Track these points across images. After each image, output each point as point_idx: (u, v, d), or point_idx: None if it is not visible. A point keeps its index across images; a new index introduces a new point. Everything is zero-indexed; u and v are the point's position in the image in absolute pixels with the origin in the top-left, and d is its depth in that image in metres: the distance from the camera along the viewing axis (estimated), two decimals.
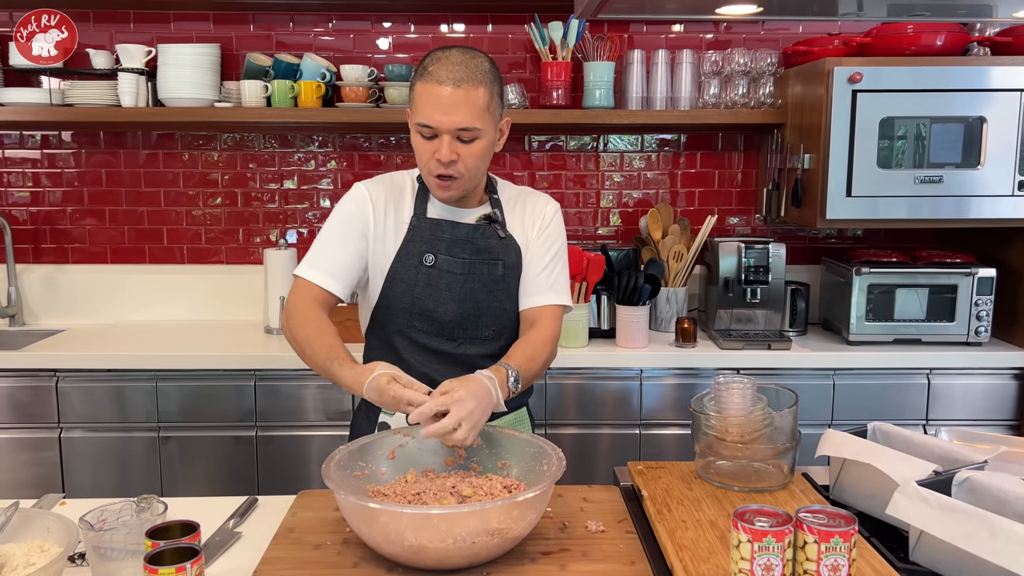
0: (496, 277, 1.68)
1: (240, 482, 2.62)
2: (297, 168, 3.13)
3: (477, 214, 1.71)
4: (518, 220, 1.74)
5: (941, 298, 2.73)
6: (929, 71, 2.59)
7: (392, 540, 1.22)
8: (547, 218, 1.74)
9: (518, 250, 1.71)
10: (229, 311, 3.09)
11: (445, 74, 1.53)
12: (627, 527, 1.41)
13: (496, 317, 1.70)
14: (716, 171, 3.18)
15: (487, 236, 1.68)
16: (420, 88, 1.56)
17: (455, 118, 1.53)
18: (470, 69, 1.54)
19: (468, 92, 1.53)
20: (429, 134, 1.57)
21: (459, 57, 1.55)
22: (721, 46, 3.05)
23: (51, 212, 3.12)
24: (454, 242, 1.66)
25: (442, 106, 1.53)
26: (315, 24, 3.05)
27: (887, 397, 2.67)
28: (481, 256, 1.67)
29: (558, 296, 1.73)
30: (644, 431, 2.67)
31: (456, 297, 1.66)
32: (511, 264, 1.70)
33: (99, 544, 1.19)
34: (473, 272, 1.67)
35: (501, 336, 1.71)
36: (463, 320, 1.67)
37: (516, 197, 1.77)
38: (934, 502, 1.18)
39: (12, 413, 2.59)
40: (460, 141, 1.56)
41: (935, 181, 2.63)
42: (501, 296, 1.69)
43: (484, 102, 1.55)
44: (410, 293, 1.66)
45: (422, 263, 1.65)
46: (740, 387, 1.50)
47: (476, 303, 1.67)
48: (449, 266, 1.66)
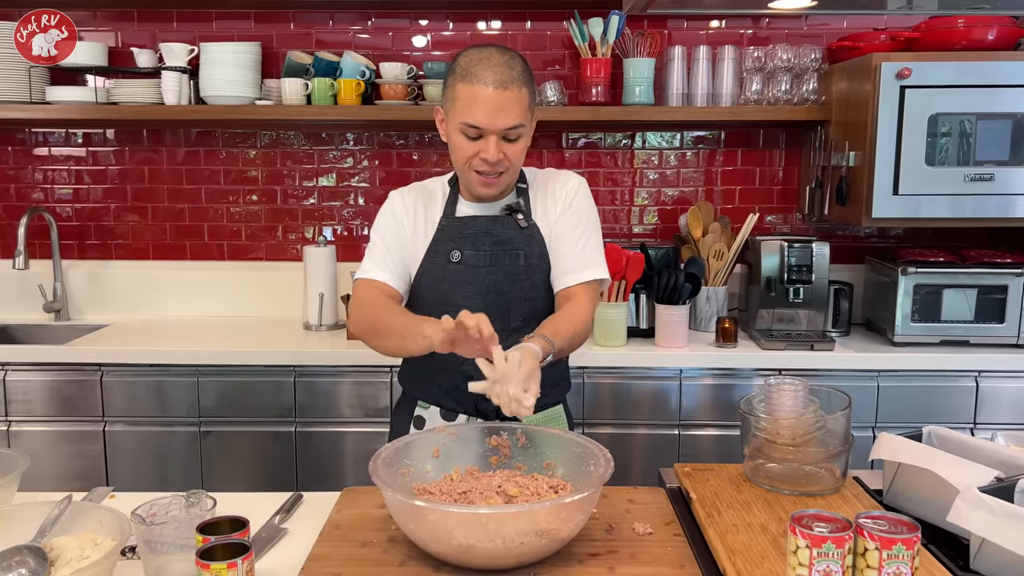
0: (519, 268, 1.69)
1: (279, 477, 2.63)
2: (334, 166, 3.14)
3: (502, 205, 1.72)
4: (540, 203, 1.74)
5: (990, 299, 2.67)
6: (976, 66, 2.53)
7: (440, 539, 1.21)
8: (570, 194, 1.73)
9: (541, 240, 1.71)
10: (268, 307, 3.11)
11: (491, 76, 1.56)
12: (675, 530, 1.38)
13: (523, 308, 1.70)
14: (757, 169, 3.13)
15: (507, 227, 1.70)
16: (464, 89, 1.58)
17: (503, 119, 1.57)
18: (513, 71, 1.57)
19: (513, 94, 1.57)
20: (475, 135, 1.59)
21: (501, 58, 1.58)
22: (763, 42, 3.01)
23: (95, 209, 3.17)
24: (477, 236, 1.69)
25: (490, 108, 1.56)
26: (354, 22, 3.06)
27: (933, 400, 2.61)
28: (502, 247, 1.69)
29: (592, 271, 1.70)
30: (683, 432, 2.64)
31: (480, 290, 1.68)
32: (534, 254, 1.70)
33: (150, 538, 1.20)
34: (496, 264, 1.68)
35: (528, 325, 1.69)
36: (488, 313, 1.61)
37: (539, 180, 1.77)
38: (998, 509, 1.14)
39: (58, 407, 2.63)
40: (506, 140, 1.60)
41: (985, 179, 2.56)
42: (525, 286, 1.70)
43: (527, 102, 1.60)
44: (438, 289, 1.69)
45: (449, 260, 1.69)
46: (792, 389, 1.47)
47: (500, 295, 1.68)
48: (473, 260, 1.68)
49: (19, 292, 3.09)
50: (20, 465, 1.39)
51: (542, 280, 1.71)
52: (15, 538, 1.19)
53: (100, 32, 3.06)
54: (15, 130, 3.12)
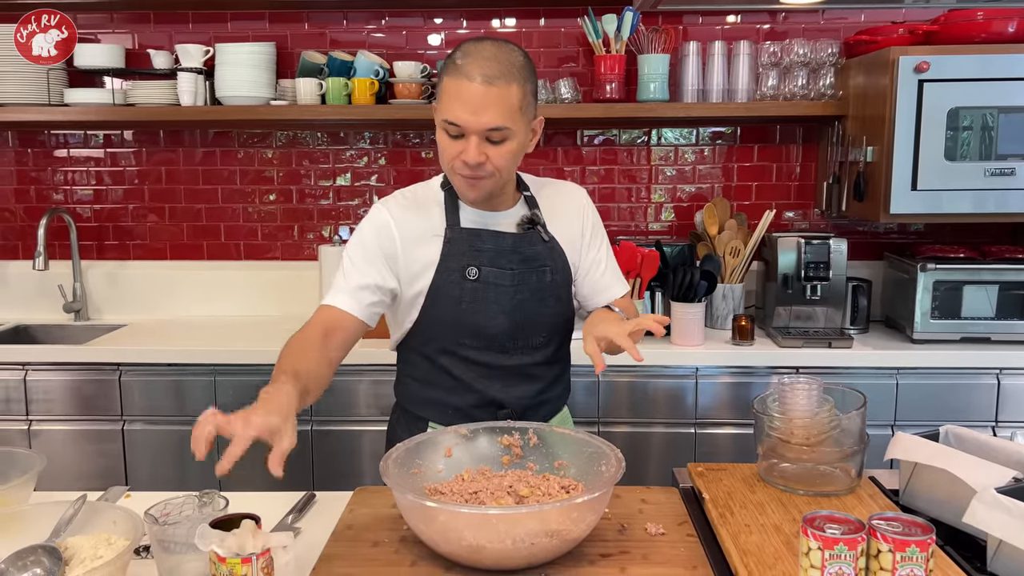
0: (544, 284, 1.61)
1: (296, 476, 2.64)
2: (349, 165, 3.15)
3: (514, 217, 1.62)
4: (557, 218, 1.65)
5: (1012, 295, 2.63)
6: (997, 59, 2.49)
7: (450, 539, 1.21)
8: (586, 210, 1.70)
9: (562, 253, 1.64)
10: (284, 307, 3.13)
11: (476, 70, 1.42)
12: (687, 530, 1.37)
13: (547, 324, 1.65)
14: (774, 164, 3.11)
15: (532, 243, 1.60)
16: (448, 83, 1.45)
17: (485, 118, 1.43)
18: (503, 65, 1.43)
19: (500, 90, 1.42)
20: (456, 132, 1.46)
21: (491, 51, 1.45)
22: (779, 37, 2.98)
23: (113, 209, 3.20)
24: (499, 252, 1.58)
25: (472, 105, 1.42)
26: (368, 21, 3.06)
27: (954, 398, 2.57)
28: (529, 265, 1.60)
29: (620, 286, 1.74)
30: (699, 430, 2.62)
31: (506, 309, 1.59)
32: (559, 268, 1.63)
33: (163, 538, 1.21)
34: (523, 282, 1.59)
35: (551, 342, 1.66)
36: (515, 332, 1.61)
37: (543, 192, 1.68)
38: (1015, 510, 1.13)
39: (78, 406, 2.66)
40: (489, 142, 1.46)
41: (1006, 174, 2.53)
42: (551, 302, 1.63)
43: (517, 101, 1.45)
44: (456, 309, 1.57)
45: (465, 277, 1.56)
46: (805, 388, 1.45)
47: (526, 313, 1.60)
48: (496, 278, 1.57)
49: (39, 293, 3.13)
50: (36, 465, 1.40)
51: (565, 294, 1.66)
52: (31, 537, 1.20)
53: (117, 34, 3.09)
54: (35, 132, 3.15)
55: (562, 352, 1.72)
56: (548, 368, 1.67)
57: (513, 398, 1.64)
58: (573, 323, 1.72)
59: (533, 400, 1.67)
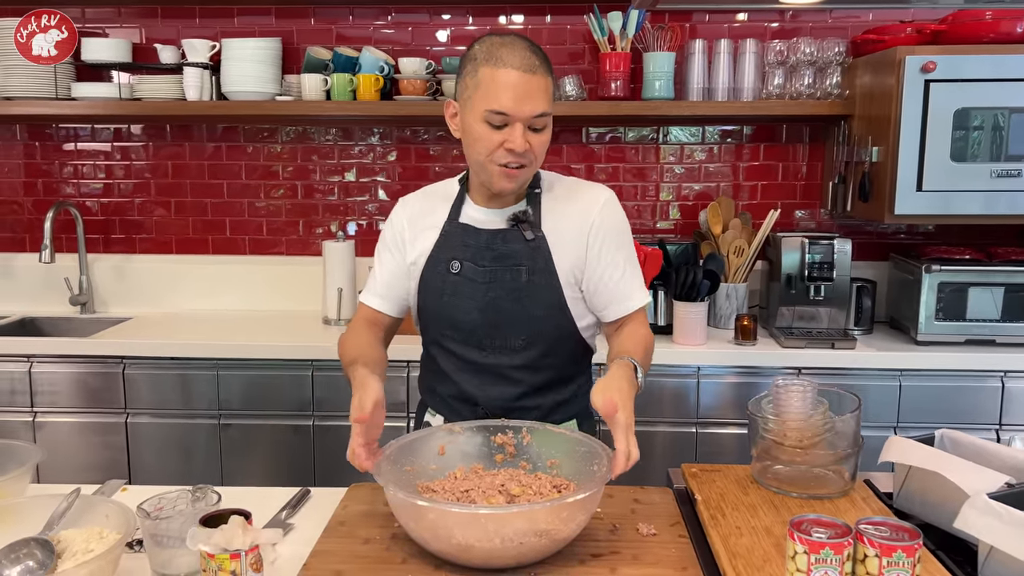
0: (520, 284, 1.57)
1: (298, 470, 2.66)
2: (356, 160, 3.16)
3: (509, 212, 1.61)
4: (558, 214, 1.60)
5: (1018, 297, 2.61)
6: (1007, 60, 2.47)
7: (440, 537, 1.22)
8: (599, 213, 1.60)
9: (548, 254, 1.57)
10: (288, 302, 3.14)
11: (519, 60, 1.46)
12: (679, 531, 1.37)
13: (525, 326, 1.59)
14: (780, 164, 3.09)
15: (509, 240, 1.58)
16: (488, 73, 1.47)
17: (531, 105, 1.46)
18: (538, 56, 1.49)
19: (540, 79, 1.48)
20: (500, 122, 1.47)
21: (524, 43, 1.50)
22: (786, 35, 2.96)
23: (120, 203, 3.21)
24: (477, 249, 1.59)
25: (518, 93, 1.45)
26: (374, 17, 3.07)
27: (958, 400, 2.56)
28: (502, 263, 1.57)
29: (640, 296, 1.64)
30: (701, 430, 2.62)
31: (479, 306, 1.58)
32: (538, 269, 1.57)
33: (155, 532, 1.22)
34: (495, 280, 1.57)
35: (532, 346, 1.60)
36: (488, 329, 1.59)
37: (560, 189, 1.64)
38: (1006, 516, 1.12)
39: (83, 398, 2.68)
40: (532, 130, 1.49)
41: (1013, 175, 2.50)
42: (528, 303, 1.57)
43: (552, 90, 1.52)
44: (438, 301, 1.61)
45: (449, 270, 1.60)
46: (800, 389, 1.45)
47: (499, 311, 1.58)
48: (472, 274, 1.58)
49: (45, 285, 3.16)
50: (33, 457, 1.41)
51: (547, 297, 1.58)
52: (25, 530, 1.22)
53: (125, 29, 3.10)
54: (43, 126, 3.18)
55: (552, 361, 1.63)
56: (531, 374, 1.61)
57: (488, 397, 1.62)
58: (574, 333, 1.63)
59: (512, 403, 1.62)
